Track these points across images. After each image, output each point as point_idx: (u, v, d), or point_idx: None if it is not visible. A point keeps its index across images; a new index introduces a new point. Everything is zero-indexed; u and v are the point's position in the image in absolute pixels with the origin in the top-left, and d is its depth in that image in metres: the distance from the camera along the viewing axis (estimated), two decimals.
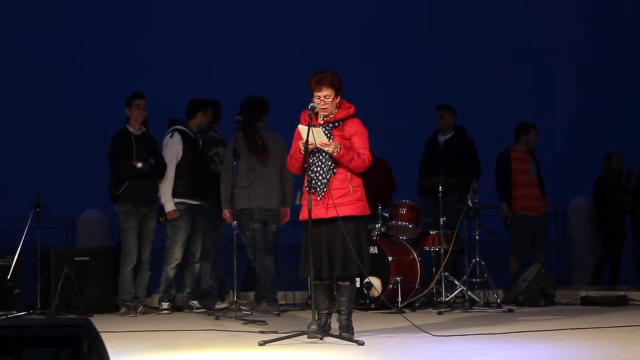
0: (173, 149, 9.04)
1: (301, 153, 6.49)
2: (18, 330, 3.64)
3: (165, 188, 8.99)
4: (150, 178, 8.87)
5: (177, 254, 9.08)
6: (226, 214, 8.76)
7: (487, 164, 10.38)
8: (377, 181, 9.73)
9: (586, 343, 6.30)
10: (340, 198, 6.49)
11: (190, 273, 9.23)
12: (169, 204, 8.99)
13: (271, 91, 9.29)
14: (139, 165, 8.73)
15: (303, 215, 6.60)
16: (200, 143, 9.27)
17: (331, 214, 6.50)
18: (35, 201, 8.93)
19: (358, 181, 6.63)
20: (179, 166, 9.03)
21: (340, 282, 6.62)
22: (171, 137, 9.09)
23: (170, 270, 9.13)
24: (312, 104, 6.55)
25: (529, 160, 10.11)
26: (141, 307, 8.89)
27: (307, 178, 6.54)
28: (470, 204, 8.91)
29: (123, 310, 8.84)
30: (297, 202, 6.61)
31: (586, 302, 9.08)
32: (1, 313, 8.66)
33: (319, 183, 6.53)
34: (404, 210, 9.23)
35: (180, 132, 9.10)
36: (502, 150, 10.19)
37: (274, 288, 8.97)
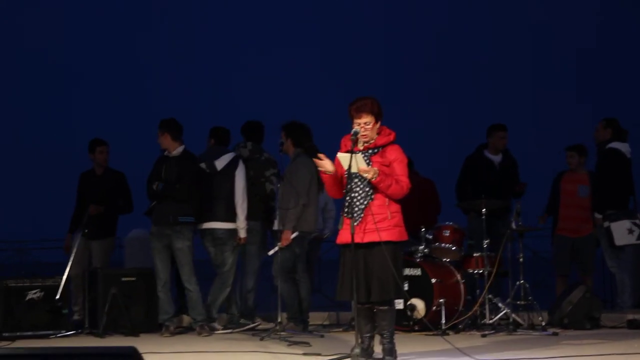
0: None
1: (327, 174, 6.59)
2: (66, 357, 3.72)
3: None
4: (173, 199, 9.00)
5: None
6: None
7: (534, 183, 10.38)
8: (422, 202, 9.76)
9: None
10: (378, 223, 6.53)
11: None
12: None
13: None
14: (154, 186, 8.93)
15: (340, 239, 6.66)
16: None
17: (368, 238, 6.54)
18: (84, 222, 9.11)
19: (396, 207, 6.67)
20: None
21: (378, 307, 6.66)
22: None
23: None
24: (355, 129, 6.61)
25: (581, 181, 10.06)
26: (198, 328, 8.95)
27: (345, 203, 6.60)
28: (514, 227, 8.89)
29: (163, 331, 8.95)
30: (338, 227, 6.67)
31: (633, 325, 9.00)
32: (50, 332, 8.79)
33: (357, 208, 6.58)
34: (447, 232, 9.24)
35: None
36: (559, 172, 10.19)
37: (300, 309, 9.02)
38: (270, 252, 8.88)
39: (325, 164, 6.66)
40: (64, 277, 8.94)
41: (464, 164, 10.25)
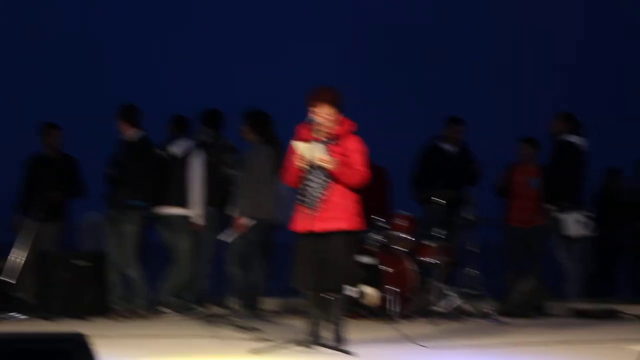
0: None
1: (300, 169, 6.55)
2: (10, 344, 3.69)
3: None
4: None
5: None
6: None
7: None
8: (376, 190, 9.77)
9: (577, 356, 6.36)
10: (334, 212, 6.54)
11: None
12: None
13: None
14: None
15: (296, 226, 6.67)
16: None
17: (324, 227, 6.55)
18: (41, 207, 9.04)
19: (354, 196, 6.67)
20: None
21: (330, 294, 6.68)
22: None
23: None
24: (312, 117, 6.59)
25: (531, 173, 10.16)
26: (141, 312, 8.94)
27: (302, 192, 6.60)
28: (468, 217, 8.97)
29: (112, 314, 8.93)
30: (294, 215, 6.67)
31: (579, 315, 9.14)
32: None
33: (314, 197, 6.59)
34: (402, 221, 9.29)
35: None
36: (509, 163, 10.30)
37: (252, 295, 9.04)
38: (225, 238, 8.87)
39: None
40: (10, 258, 8.86)
41: (419, 155, 10.30)
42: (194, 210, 9.17)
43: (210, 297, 9.58)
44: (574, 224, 9.80)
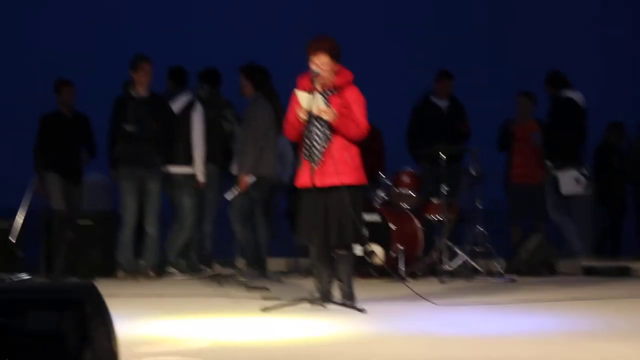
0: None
1: (301, 120, 6.46)
2: (22, 293, 3.64)
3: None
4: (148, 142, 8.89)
5: None
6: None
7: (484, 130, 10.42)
8: (374, 147, 9.66)
9: (589, 313, 6.32)
10: (337, 166, 6.45)
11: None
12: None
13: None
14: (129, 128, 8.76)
15: (299, 182, 6.59)
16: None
17: (327, 182, 6.47)
18: (61, 165, 8.98)
19: (355, 150, 6.60)
20: None
21: (337, 251, 6.61)
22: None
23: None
24: (315, 69, 6.49)
25: (533, 128, 10.10)
26: (150, 273, 8.88)
27: (305, 146, 6.51)
28: (473, 172, 8.89)
29: (120, 274, 8.84)
30: (297, 169, 6.59)
31: (588, 272, 9.09)
32: (4, 276, 8.66)
33: (316, 151, 6.50)
34: (405, 178, 9.21)
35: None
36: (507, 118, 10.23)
37: (258, 255, 8.99)
38: (228, 196, 8.78)
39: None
40: (17, 219, 8.78)
41: (411, 113, 10.25)
42: (197, 168, 9.05)
43: (217, 257, 9.54)
44: (570, 182, 9.72)
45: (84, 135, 9.62)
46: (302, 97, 6.43)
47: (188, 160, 9.03)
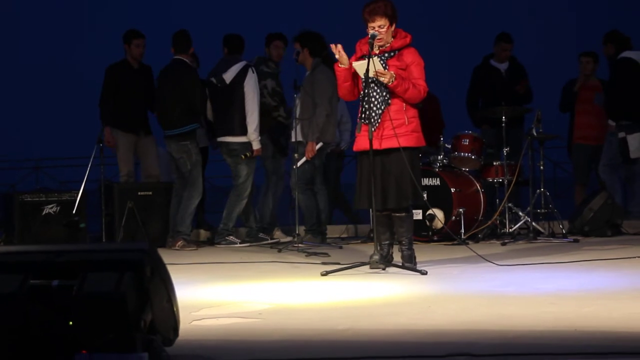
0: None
1: (340, 66, 6.43)
2: (82, 254, 3.68)
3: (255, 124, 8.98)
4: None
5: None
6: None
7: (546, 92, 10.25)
8: (432, 110, 9.56)
9: None
10: (396, 129, 6.40)
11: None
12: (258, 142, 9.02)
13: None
14: None
15: (358, 146, 6.55)
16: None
17: (385, 145, 6.43)
18: (99, 137, 9.00)
19: (413, 112, 6.54)
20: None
21: (396, 214, 6.57)
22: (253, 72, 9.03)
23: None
24: (372, 32, 6.44)
25: (596, 88, 9.93)
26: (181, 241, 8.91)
27: (361, 109, 6.47)
28: (535, 134, 8.76)
29: (180, 243, 8.86)
30: (356, 132, 6.56)
31: None
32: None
33: (374, 114, 6.46)
34: (466, 141, 9.10)
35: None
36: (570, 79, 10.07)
37: (319, 221, 8.97)
38: (297, 164, 8.73)
39: (343, 56, 6.46)
40: (80, 192, 8.87)
41: (472, 76, 10.17)
42: (251, 136, 8.99)
43: (277, 224, 9.56)
44: (638, 145, 9.53)
45: (149, 87, 9.45)
46: (359, 66, 6.38)
47: (243, 129, 8.99)
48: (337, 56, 6.49)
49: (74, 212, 8.75)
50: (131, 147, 9.40)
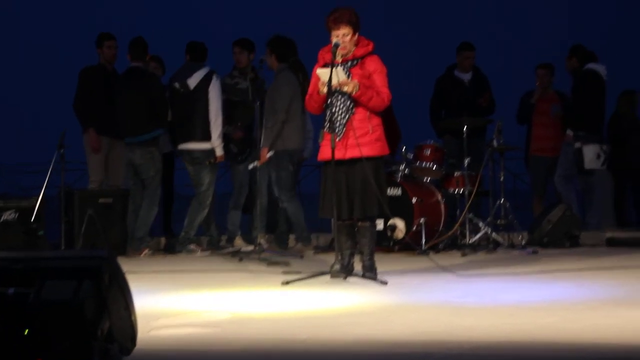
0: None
1: (320, 94, 6.42)
2: (40, 261, 3.63)
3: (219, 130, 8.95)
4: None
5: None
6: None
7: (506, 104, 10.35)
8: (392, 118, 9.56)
9: (611, 282, 6.27)
10: (359, 138, 6.41)
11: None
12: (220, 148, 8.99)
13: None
14: None
15: (322, 155, 6.56)
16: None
17: (350, 154, 6.44)
18: (59, 142, 8.92)
19: (377, 120, 6.55)
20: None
21: (360, 223, 6.58)
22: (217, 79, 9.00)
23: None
24: (335, 40, 6.45)
25: (552, 100, 10.03)
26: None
27: (325, 118, 6.47)
28: (496, 145, 8.82)
29: (147, 252, 8.85)
30: (319, 142, 6.56)
31: (611, 243, 9.01)
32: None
33: (338, 123, 6.46)
34: (428, 151, 9.14)
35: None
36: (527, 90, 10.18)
37: (307, 228, 9.00)
38: (250, 166, 8.73)
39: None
40: (39, 199, 8.79)
41: (435, 86, 10.21)
42: (214, 143, 8.96)
43: (238, 232, 9.52)
44: (593, 156, 9.63)
45: None
46: (322, 73, 6.39)
47: (206, 136, 8.96)
48: (321, 80, 6.42)
49: (32, 219, 8.67)
50: (104, 151, 9.34)
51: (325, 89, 6.36)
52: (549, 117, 10.03)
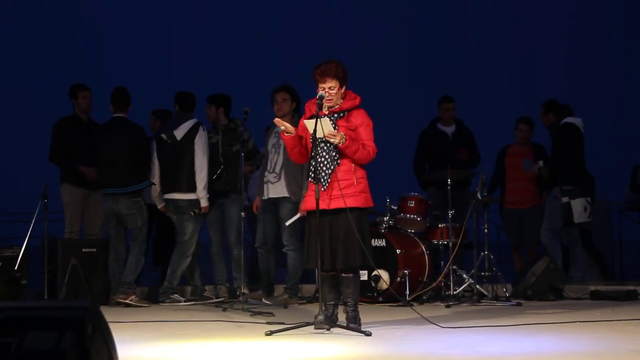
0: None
1: (286, 136, 6.53)
2: (22, 311, 3.62)
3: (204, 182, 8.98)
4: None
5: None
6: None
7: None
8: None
9: (594, 335, 6.27)
10: (344, 189, 6.45)
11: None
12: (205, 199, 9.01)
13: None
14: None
15: (306, 205, 6.59)
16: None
17: (334, 205, 6.47)
18: (43, 193, 8.91)
19: (362, 173, 6.59)
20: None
21: (343, 274, 6.59)
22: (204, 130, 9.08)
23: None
24: (321, 92, 6.52)
25: (526, 154, 10.10)
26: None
27: (310, 169, 6.52)
28: (480, 197, 8.86)
29: (134, 298, 8.82)
30: (303, 192, 6.59)
31: (595, 296, 9.03)
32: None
33: (323, 174, 6.50)
34: (412, 203, 9.19)
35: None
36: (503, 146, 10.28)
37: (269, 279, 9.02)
38: (289, 222, 8.68)
39: (287, 125, 6.57)
40: (23, 249, 8.75)
41: (419, 139, 10.30)
42: (199, 194, 9.00)
43: (222, 282, 9.49)
44: (581, 210, 9.68)
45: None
46: (309, 124, 6.44)
47: (192, 187, 9.00)
48: (282, 128, 6.57)
49: (15, 268, 8.63)
50: (82, 203, 9.33)
51: (293, 130, 6.48)
52: (520, 170, 10.12)
